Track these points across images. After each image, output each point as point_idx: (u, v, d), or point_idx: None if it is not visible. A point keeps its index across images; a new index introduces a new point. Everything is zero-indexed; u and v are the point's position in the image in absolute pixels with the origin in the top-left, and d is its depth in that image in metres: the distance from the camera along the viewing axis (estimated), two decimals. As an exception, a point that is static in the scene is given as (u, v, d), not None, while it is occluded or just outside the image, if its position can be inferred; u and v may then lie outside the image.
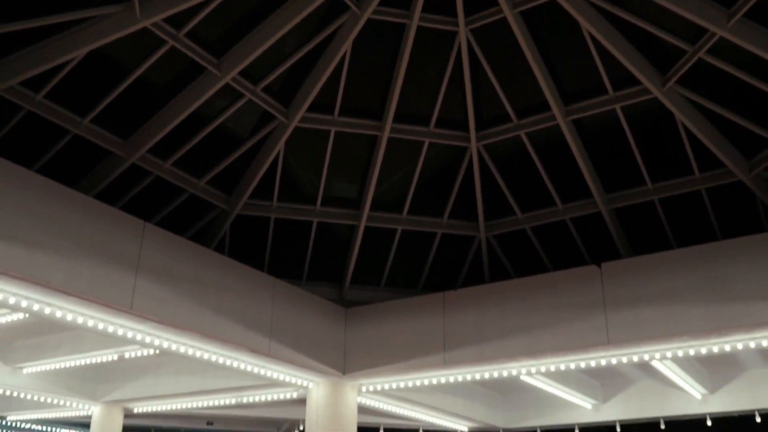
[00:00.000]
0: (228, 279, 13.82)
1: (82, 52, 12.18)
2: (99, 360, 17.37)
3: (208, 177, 15.27)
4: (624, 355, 14.03)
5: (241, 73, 13.76)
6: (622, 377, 19.52)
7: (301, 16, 12.98)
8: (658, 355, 13.97)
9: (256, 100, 14.34)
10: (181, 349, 13.91)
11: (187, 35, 12.86)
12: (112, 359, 17.23)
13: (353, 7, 13.36)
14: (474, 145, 15.83)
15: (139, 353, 16.20)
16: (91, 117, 13.25)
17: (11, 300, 11.32)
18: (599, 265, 13.96)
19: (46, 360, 18.07)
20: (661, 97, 13.77)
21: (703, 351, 13.51)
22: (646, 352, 13.86)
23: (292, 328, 14.92)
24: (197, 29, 12.90)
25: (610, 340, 13.29)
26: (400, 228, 17.23)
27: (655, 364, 15.50)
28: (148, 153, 14.18)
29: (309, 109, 14.91)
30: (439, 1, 13.65)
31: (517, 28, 13.41)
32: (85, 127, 13.29)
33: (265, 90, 14.41)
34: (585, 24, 13.05)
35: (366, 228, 16.92)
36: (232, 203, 15.95)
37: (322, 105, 15.03)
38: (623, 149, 15.02)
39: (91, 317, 12.22)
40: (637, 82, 13.80)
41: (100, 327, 12.58)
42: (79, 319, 12.20)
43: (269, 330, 14.29)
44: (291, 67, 14.21)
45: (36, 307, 11.65)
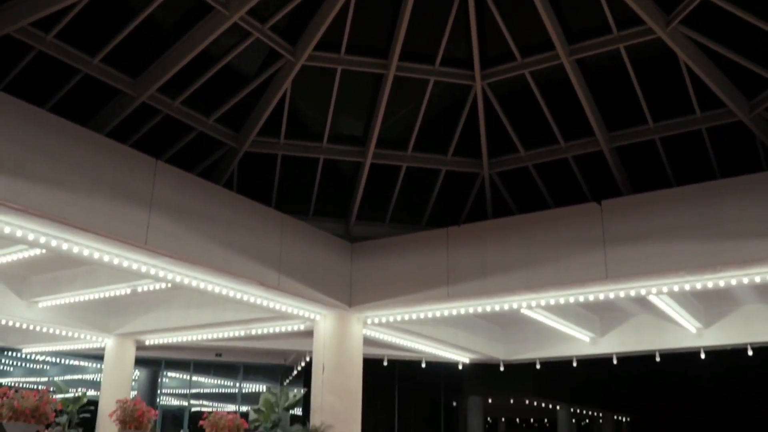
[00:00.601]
0: (238, 215, 14.22)
1: (91, -8, 12.30)
2: (112, 294, 17.90)
3: (216, 115, 15.51)
4: (622, 289, 14.48)
5: (249, 11, 13.85)
6: (619, 311, 20.01)
7: (308, -46, 13.05)
8: (655, 289, 14.42)
9: (263, 38, 14.47)
10: (193, 283, 14.38)
11: (194, -26, 12.96)
12: (125, 293, 17.74)
13: (360, -55, 13.42)
14: (478, 84, 16.00)
15: (151, 287, 16.70)
16: (101, 56, 13.43)
17: (30, 236, 11.74)
18: (599, 202, 14.30)
19: (61, 294, 18.61)
20: (665, 37, 13.88)
21: (698, 286, 13.96)
22: (644, 286, 14.31)
23: (300, 262, 15.38)
24: (204, -32, 12.98)
25: (609, 275, 13.71)
26: (404, 165, 17.52)
27: (652, 298, 15.95)
28: (157, 92, 14.39)
29: (316, 48, 15.05)
30: (446, -61, 13.68)
31: (522, -33, 13.47)
32: (95, 66, 13.49)
33: (272, 29, 14.53)
34: (590, -37, 13.12)
35: (371, 165, 17.20)
36: (240, 141, 16.22)
37: (329, 43, 15.16)
38: (626, 88, 15.19)
39: (107, 252, 12.65)
40: (641, 22, 13.88)
41: (115, 262, 13.02)
42: (95, 255, 12.64)
43: (278, 264, 14.73)
44: (298, 5, 14.29)
45: (54, 243, 12.07)
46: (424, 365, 24.35)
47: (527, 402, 47.46)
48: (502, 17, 14.75)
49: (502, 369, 23.85)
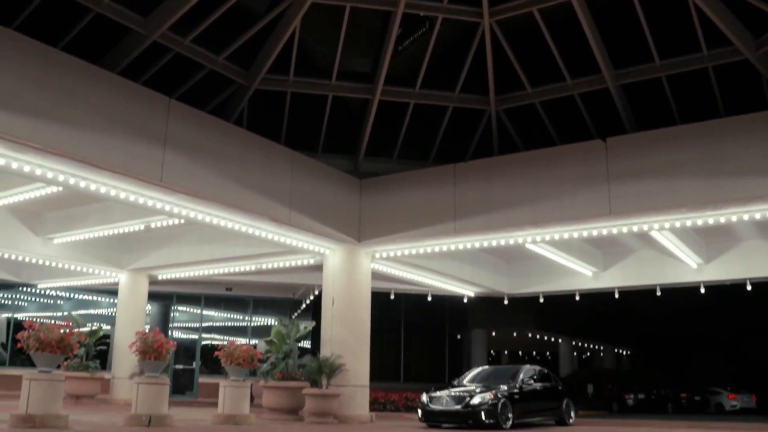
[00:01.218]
0: (250, 152, 14.50)
1: (102, -70, 12.33)
2: (126, 230, 18.32)
3: (226, 53, 15.62)
4: (624, 225, 14.82)
5: (258, -51, 13.86)
6: (622, 247, 20.40)
7: None
8: (657, 225, 14.76)
9: (273, -24, 14.48)
10: (207, 219, 14.75)
11: None
12: (139, 229, 18.16)
13: None
14: (486, 21, 16.02)
15: (164, 223, 17.10)
16: (112, -6, 13.48)
17: (49, 174, 12.06)
18: (604, 139, 14.53)
19: (76, 231, 19.04)
20: (673, -26, 13.87)
21: (700, 222, 14.29)
22: (646, 222, 14.64)
23: (310, 198, 15.72)
24: None
25: (612, 211, 14.03)
26: (412, 102, 17.67)
27: (654, 234, 16.31)
28: (168, 30, 14.46)
29: (324, -15, 15.05)
30: None
31: None
32: (106, 5, 13.55)
33: (281, -34, 14.53)
34: None
35: (380, 102, 17.35)
36: (250, 78, 16.36)
37: (337, -19, 15.15)
38: (633, 26, 15.21)
39: (123, 190, 12.98)
40: (649, -40, 13.86)
41: (131, 199, 13.37)
42: (111, 192, 12.96)
43: (289, 200, 15.07)
44: (306, -58, 14.29)
45: (72, 181, 12.39)
46: (430, 299, 24.88)
47: (530, 335, 48.31)
48: (511, -47, 14.70)
49: (506, 303, 24.37)
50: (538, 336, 48.71)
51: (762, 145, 12.65)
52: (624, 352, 61.39)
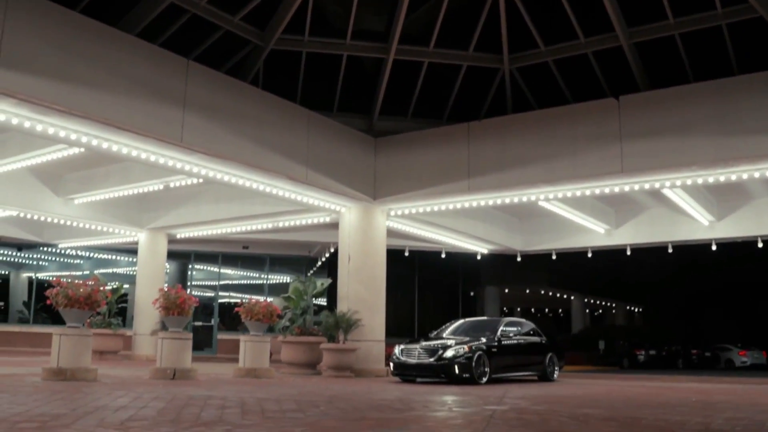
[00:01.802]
0: (267, 112, 14.74)
1: None
2: (145, 190, 18.65)
3: (242, 14, 15.72)
4: (637, 183, 15.00)
5: None
6: (634, 204, 20.57)
7: None
8: (669, 183, 14.93)
9: (287, -65, 14.52)
10: (225, 178, 15.04)
11: None
12: (158, 189, 18.49)
13: None
14: (500, -21, 16.03)
15: (182, 183, 17.40)
16: (129, -45, 13.60)
17: (72, 136, 12.34)
18: (617, 97, 14.64)
19: (96, 191, 19.39)
20: (688, -71, 13.80)
21: (711, 180, 14.45)
22: (658, 180, 14.81)
23: (326, 156, 15.97)
24: None
25: (624, 169, 14.21)
26: (426, 60, 17.75)
27: (666, 192, 16.47)
28: (184, -9, 14.57)
29: (339, -56, 15.09)
30: None
31: None
32: (124, -35, 13.69)
33: (295, -75, 14.55)
34: None
35: (394, 61, 17.45)
36: (266, 39, 16.48)
37: (351, -61, 15.18)
38: (647, -17, 15.18)
39: (144, 150, 13.27)
40: None
41: (152, 159, 13.66)
42: (133, 153, 13.25)
43: (305, 159, 15.33)
44: None
45: (94, 143, 12.68)
46: (443, 256, 25.19)
47: (542, 292, 48.73)
48: None
49: (518, 260, 24.66)
50: (551, 293, 49.15)
51: (775, 103, 12.73)
52: (636, 309, 61.80)
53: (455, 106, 18.71)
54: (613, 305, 58.72)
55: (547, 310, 60.28)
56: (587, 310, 56.87)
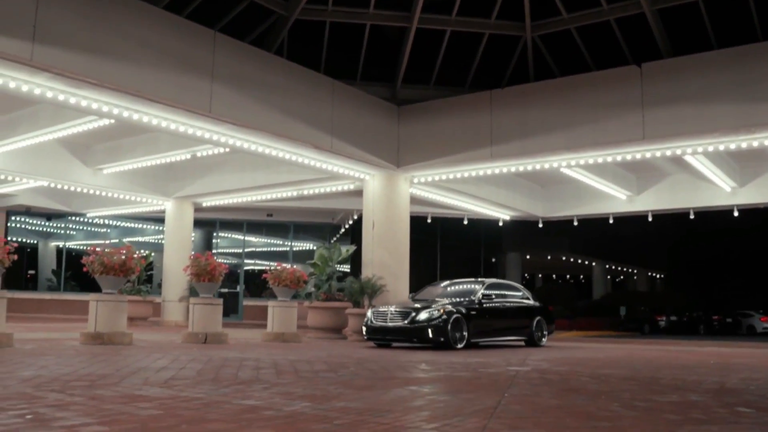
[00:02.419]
0: (292, 81, 14.96)
1: None
2: (172, 159, 19.00)
3: (266, -17, 15.87)
4: (658, 149, 15.11)
5: None
6: (655, 171, 20.64)
7: None
8: (691, 150, 15.03)
9: None
10: (252, 147, 15.33)
11: None
12: (185, 158, 18.83)
13: None
14: (522, -54, 16.02)
15: (209, 152, 17.71)
16: (156, -73, 13.74)
17: (104, 108, 12.65)
18: (639, 65, 14.71)
19: (124, 161, 19.77)
20: None
21: (733, 147, 14.54)
22: (679, 147, 14.92)
23: (350, 125, 16.21)
24: None
25: (646, 136, 14.32)
26: (449, 29, 17.83)
27: (688, 158, 16.55)
28: (209, -38, 14.74)
29: None
30: None
31: None
32: (150, -63, 13.83)
33: None
34: None
35: (417, 29, 17.54)
36: (290, 8, 16.62)
37: None
38: (670, -51, 15.12)
39: (174, 121, 13.57)
40: None
41: (180, 130, 13.97)
42: (162, 123, 13.57)
43: (330, 127, 15.58)
44: None
45: (125, 114, 12.99)
46: (466, 222, 25.43)
47: (564, 258, 48.93)
48: None
49: (540, 226, 24.86)
50: (572, 259, 49.34)
51: (797, 69, 12.76)
52: (657, 276, 61.86)
53: (477, 74, 18.80)
54: (635, 271, 58.83)
55: (568, 277, 60.49)
56: (608, 277, 57.03)
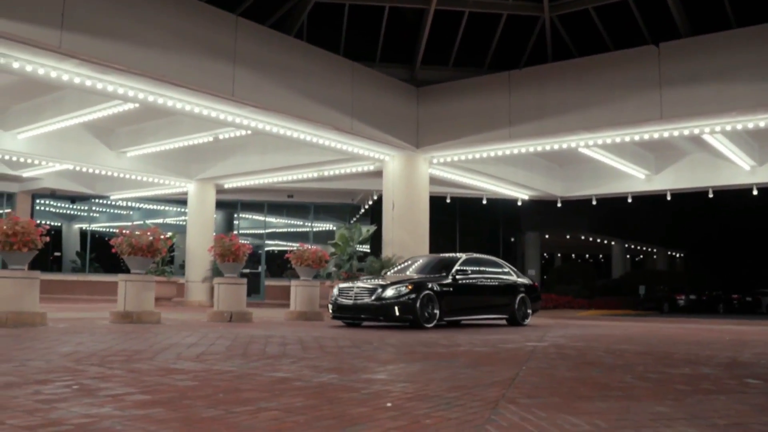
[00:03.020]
0: (313, 64, 15.18)
1: None
2: (194, 142, 19.29)
3: (286, -32, 16.04)
4: (676, 129, 15.21)
5: None
6: (674, 150, 20.68)
7: None
8: (708, 129, 15.11)
9: None
10: (274, 130, 15.60)
11: None
12: (207, 141, 19.11)
13: None
14: (540, -73, 16.06)
15: (231, 135, 17.99)
16: None
17: (130, 93, 12.94)
18: (657, 44, 14.78)
19: (147, 144, 20.09)
20: None
21: (751, 126, 14.61)
22: (697, 126, 15.00)
23: (370, 107, 16.42)
24: None
25: (663, 116, 14.42)
26: (467, 10, 17.94)
27: (707, 137, 16.61)
28: (230, -54, 14.90)
29: None
30: None
31: None
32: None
33: None
34: None
35: (435, 11, 17.67)
36: (309, -8, 16.81)
37: None
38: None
39: (197, 105, 13.85)
40: None
41: (204, 113, 14.25)
42: (186, 107, 13.85)
43: (350, 109, 15.80)
44: None
45: (150, 99, 13.29)
46: (485, 202, 25.60)
47: (582, 238, 48.92)
48: None
49: (559, 206, 24.98)
50: (591, 239, 49.32)
51: (814, 47, 12.79)
52: (677, 255, 61.68)
53: (496, 54, 18.91)
54: (654, 251, 58.68)
55: (587, 256, 60.44)
56: (628, 256, 56.93)
